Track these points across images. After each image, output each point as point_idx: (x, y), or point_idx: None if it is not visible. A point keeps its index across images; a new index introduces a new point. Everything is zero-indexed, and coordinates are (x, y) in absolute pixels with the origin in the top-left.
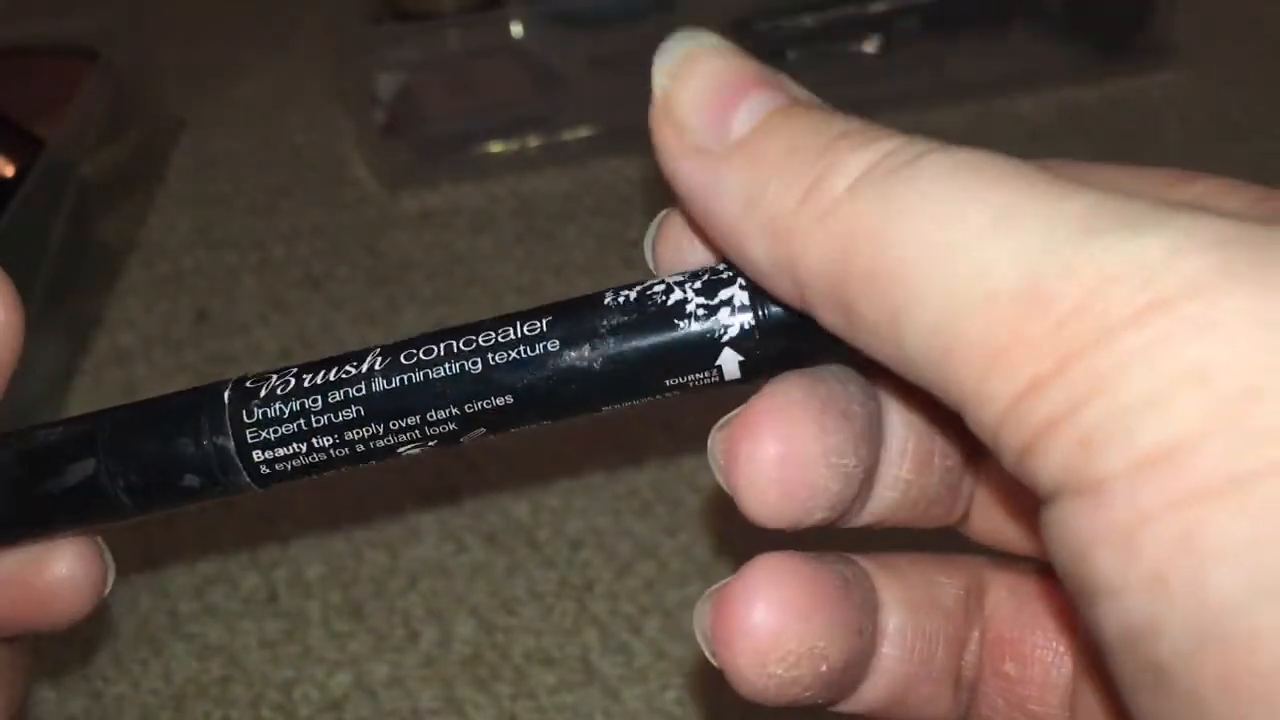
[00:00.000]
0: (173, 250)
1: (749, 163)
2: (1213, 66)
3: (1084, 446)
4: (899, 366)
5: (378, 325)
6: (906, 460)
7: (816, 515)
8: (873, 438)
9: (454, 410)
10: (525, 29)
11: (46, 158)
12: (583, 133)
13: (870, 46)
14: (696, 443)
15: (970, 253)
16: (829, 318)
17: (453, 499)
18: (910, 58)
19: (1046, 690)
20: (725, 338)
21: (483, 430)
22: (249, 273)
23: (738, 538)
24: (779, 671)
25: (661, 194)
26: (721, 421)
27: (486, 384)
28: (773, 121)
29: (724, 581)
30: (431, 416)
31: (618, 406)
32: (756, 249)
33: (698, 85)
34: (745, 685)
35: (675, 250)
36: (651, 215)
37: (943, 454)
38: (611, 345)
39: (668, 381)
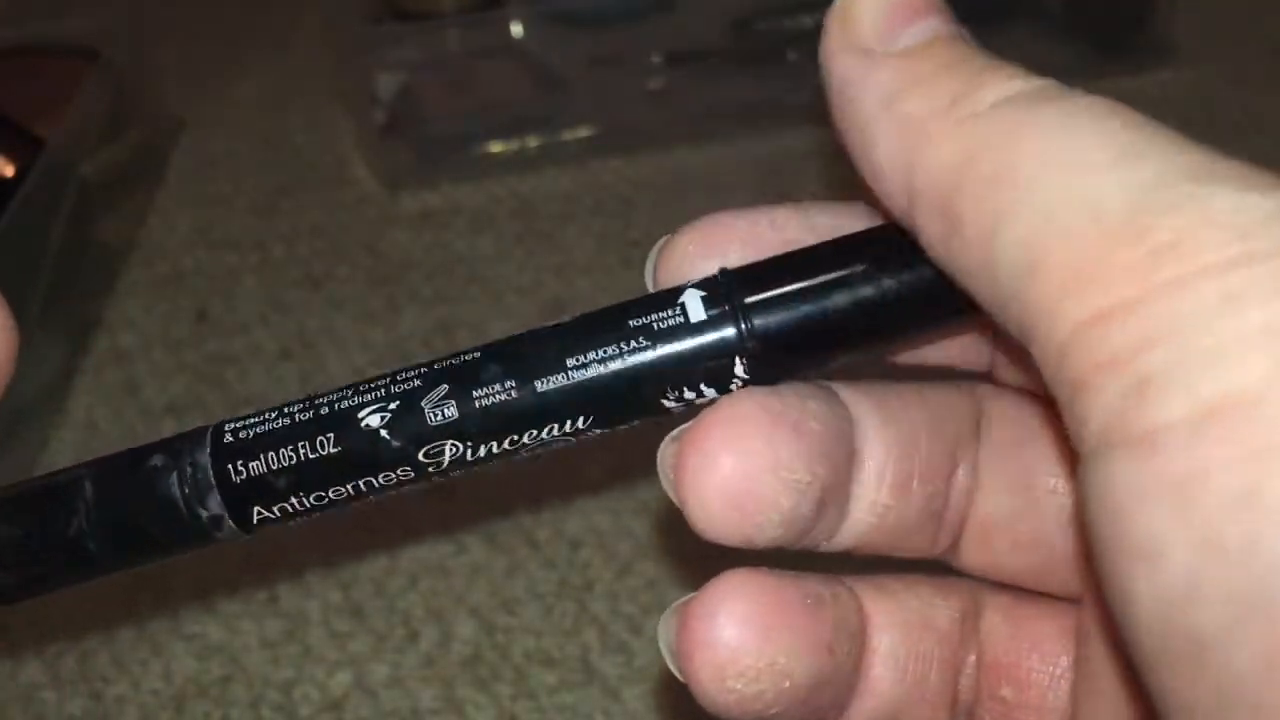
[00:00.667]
0: (173, 250)
1: (903, 67)
2: (1213, 66)
3: (1142, 388)
4: (983, 281)
5: (378, 325)
6: (885, 484)
7: (769, 532)
8: (833, 455)
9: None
10: (525, 29)
11: (46, 158)
12: (583, 133)
13: None
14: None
15: (1085, 178)
16: (929, 224)
17: (453, 499)
18: None
19: (1044, 714)
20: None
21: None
22: (249, 273)
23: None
24: (738, 686)
25: (658, 197)
26: (672, 434)
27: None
28: (939, 42)
29: (689, 596)
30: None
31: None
32: (884, 145)
33: None
34: (707, 700)
35: (675, 278)
36: (652, 215)
37: (923, 480)
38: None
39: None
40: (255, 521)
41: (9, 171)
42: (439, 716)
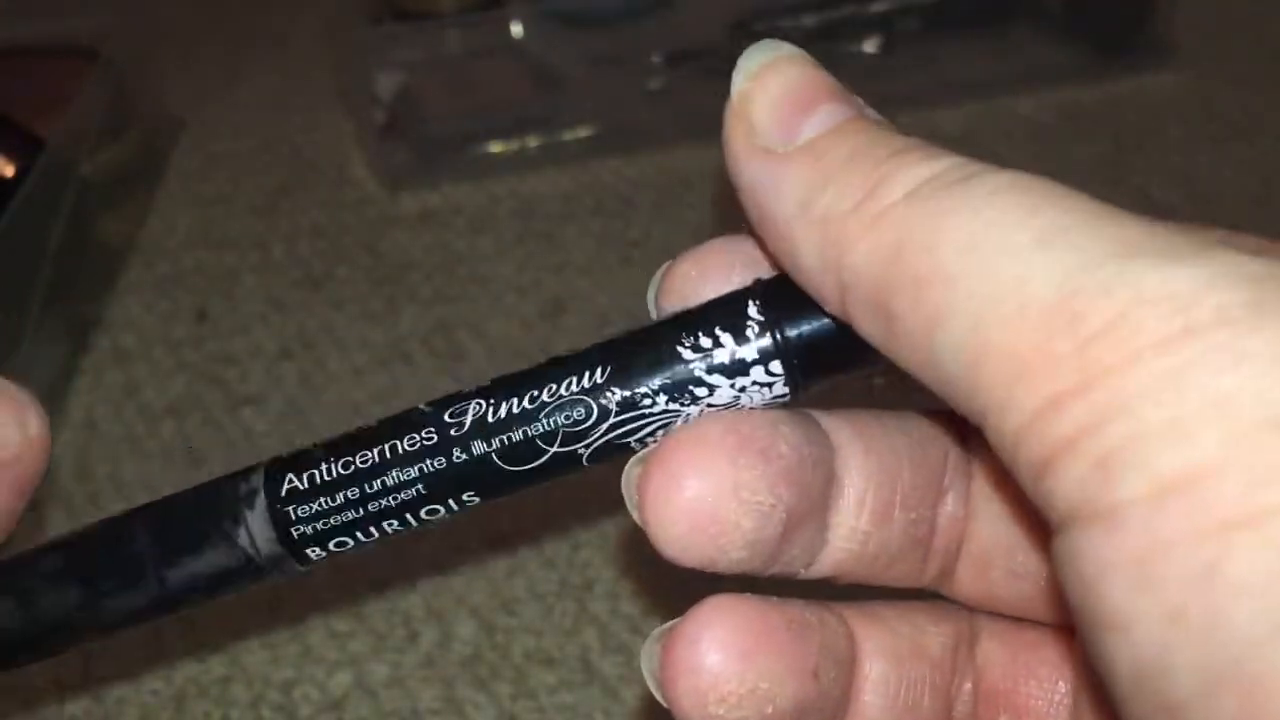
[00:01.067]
0: (173, 250)
1: (809, 165)
2: (1213, 66)
3: (1102, 468)
4: (928, 374)
5: (378, 325)
6: (865, 511)
7: (732, 554)
8: (805, 480)
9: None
10: (525, 29)
11: (47, 158)
12: (583, 133)
13: (870, 46)
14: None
15: (1011, 265)
16: (866, 321)
17: None
18: (910, 58)
19: None
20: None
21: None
22: (249, 273)
23: None
24: (720, 712)
25: (658, 197)
26: (637, 456)
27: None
28: (840, 130)
29: (671, 622)
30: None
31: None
32: (806, 248)
33: (774, 89)
34: None
35: (677, 302)
36: (652, 215)
37: (905, 507)
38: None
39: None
40: (315, 560)
41: (9, 171)
42: (439, 716)
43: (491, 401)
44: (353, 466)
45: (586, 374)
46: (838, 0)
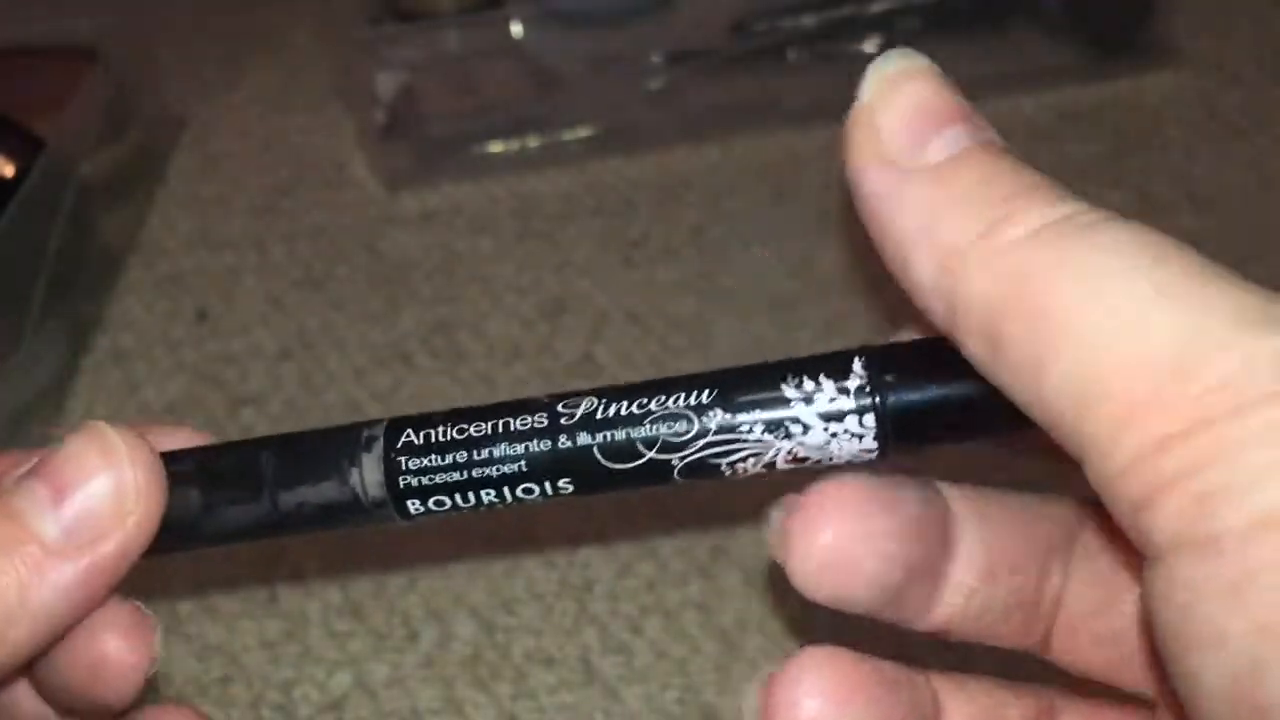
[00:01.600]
0: (173, 250)
1: (935, 187)
2: (1213, 66)
3: (1201, 502)
4: (1030, 402)
5: (378, 325)
6: (974, 569)
7: (858, 594)
8: (925, 537)
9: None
10: (525, 29)
11: (46, 158)
12: (583, 133)
13: (870, 46)
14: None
15: (1131, 312)
16: (974, 346)
17: None
18: None
19: None
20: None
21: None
22: (249, 273)
23: (736, 541)
24: None
25: (658, 197)
26: (781, 502)
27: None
28: (968, 157)
29: (772, 668)
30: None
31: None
32: (922, 269)
33: (906, 100)
34: None
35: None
36: (652, 215)
37: (1013, 571)
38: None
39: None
40: (414, 514)
41: (9, 171)
42: (439, 716)
43: (603, 400)
44: (466, 434)
45: (695, 393)
46: (838, 0)
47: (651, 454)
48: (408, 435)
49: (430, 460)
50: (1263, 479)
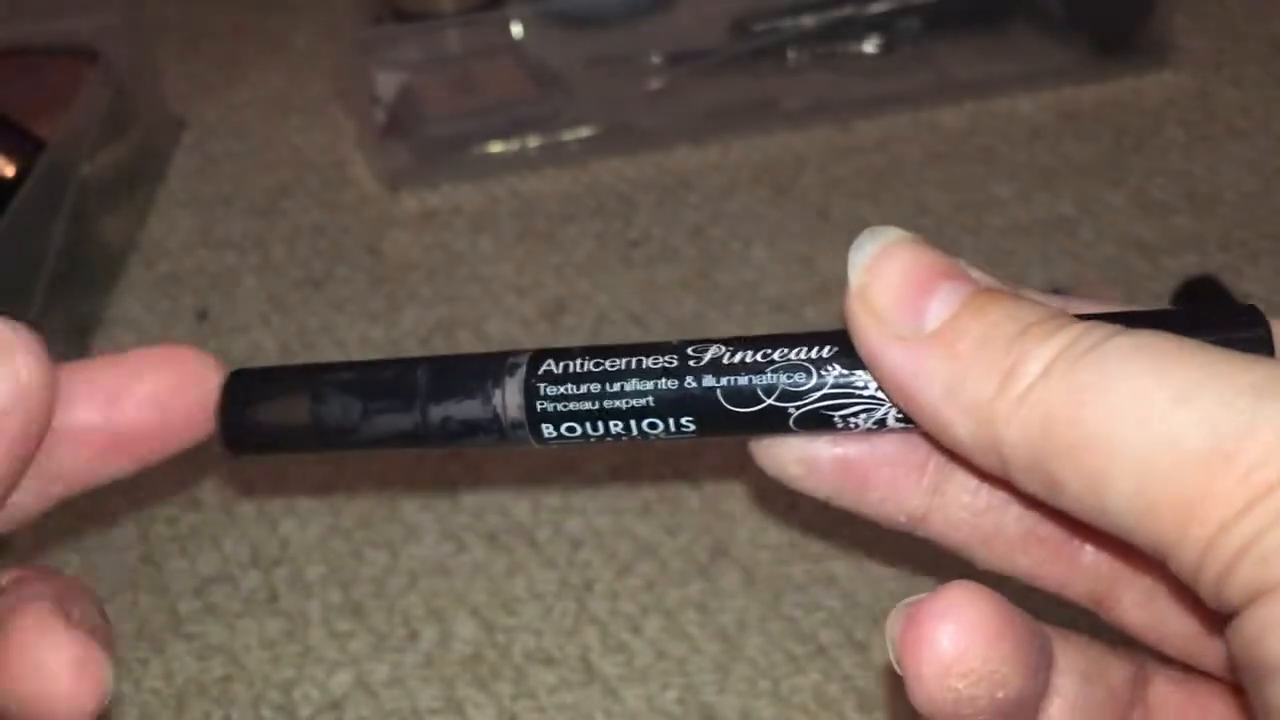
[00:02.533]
0: (173, 250)
1: (945, 352)
2: (1213, 66)
3: (1267, 561)
4: (1102, 524)
5: (378, 325)
6: (1073, 711)
7: (967, 710)
8: (1030, 671)
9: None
10: (525, 29)
11: (47, 158)
12: (583, 133)
13: (870, 46)
14: (696, 442)
15: (1160, 425)
16: (1033, 487)
17: (453, 498)
18: (910, 58)
19: None
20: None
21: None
22: (249, 273)
23: (736, 541)
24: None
25: (658, 197)
26: (902, 605)
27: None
28: (965, 313)
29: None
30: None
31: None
32: (961, 431)
33: (892, 279)
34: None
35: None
36: (652, 215)
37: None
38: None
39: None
40: (547, 439)
41: (10, 172)
42: (439, 716)
43: (730, 348)
44: (602, 367)
45: (816, 347)
46: (838, 0)
47: (771, 401)
48: (548, 364)
49: (567, 388)
50: None
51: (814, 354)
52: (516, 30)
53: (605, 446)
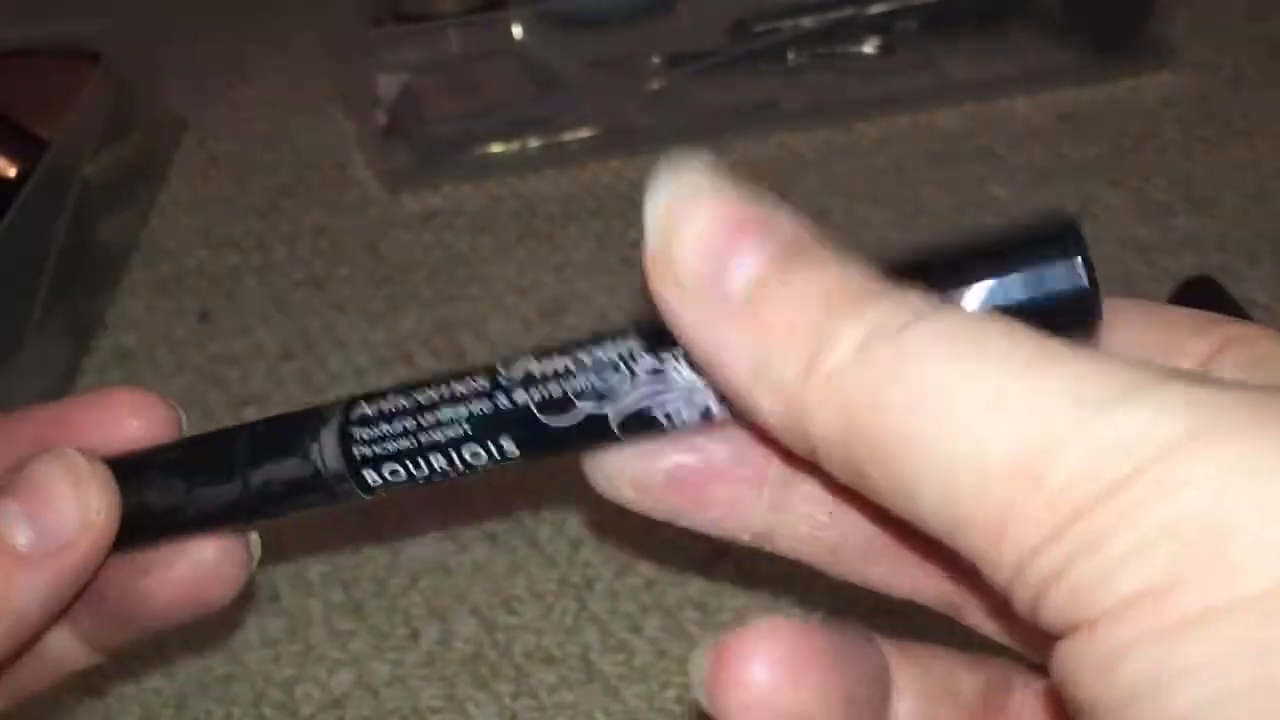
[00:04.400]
0: (175, 251)
1: (750, 326)
2: (1212, 66)
3: (1076, 595)
4: (922, 527)
5: (379, 325)
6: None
7: None
8: (857, 696)
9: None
10: (525, 30)
11: (49, 159)
12: (583, 133)
13: (870, 47)
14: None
15: (966, 431)
16: (844, 478)
17: (453, 498)
18: (910, 58)
19: None
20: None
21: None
22: (251, 273)
23: (734, 544)
24: None
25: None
26: (705, 645)
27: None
28: (769, 285)
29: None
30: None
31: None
32: (769, 411)
33: (689, 237)
34: None
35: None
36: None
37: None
38: None
39: None
40: (373, 486)
41: (12, 172)
42: (440, 715)
43: (539, 358)
44: (413, 400)
45: (626, 339)
46: (838, 1)
47: (587, 406)
48: (360, 407)
49: (381, 429)
50: (1122, 567)
51: (624, 347)
52: (517, 32)
53: (436, 488)
